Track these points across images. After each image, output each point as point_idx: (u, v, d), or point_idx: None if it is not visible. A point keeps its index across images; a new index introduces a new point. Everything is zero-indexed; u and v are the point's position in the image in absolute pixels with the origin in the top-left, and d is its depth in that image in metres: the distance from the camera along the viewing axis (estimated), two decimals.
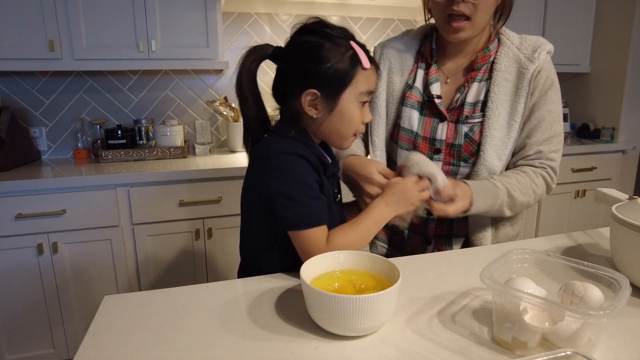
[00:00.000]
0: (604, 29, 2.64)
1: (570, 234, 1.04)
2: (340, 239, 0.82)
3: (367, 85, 0.85)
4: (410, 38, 1.12)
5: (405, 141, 1.08)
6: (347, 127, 0.87)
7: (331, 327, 0.62)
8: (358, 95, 0.84)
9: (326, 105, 0.83)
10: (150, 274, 1.85)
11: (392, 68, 1.09)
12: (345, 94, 0.83)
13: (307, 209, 0.80)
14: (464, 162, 1.03)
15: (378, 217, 0.87)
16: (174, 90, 2.33)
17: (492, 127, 1.00)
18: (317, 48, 0.82)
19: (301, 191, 0.81)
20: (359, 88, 0.84)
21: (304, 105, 0.83)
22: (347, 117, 0.85)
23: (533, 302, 0.55)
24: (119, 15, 1.88)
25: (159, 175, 1.78)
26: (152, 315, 0.69)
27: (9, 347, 1.74)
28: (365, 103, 0.87)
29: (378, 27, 2.57)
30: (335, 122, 0.85)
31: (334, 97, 0.83)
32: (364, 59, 0.83)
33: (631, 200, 0.84)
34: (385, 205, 0.87)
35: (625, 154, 2.63)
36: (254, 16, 2.35)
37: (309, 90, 0.82)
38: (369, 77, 0.85)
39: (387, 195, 0.89)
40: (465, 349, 0.58)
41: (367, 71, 0.84)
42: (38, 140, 2.19)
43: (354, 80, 0.83)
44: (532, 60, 1.01)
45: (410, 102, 1.07)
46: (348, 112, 0.85)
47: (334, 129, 0.87)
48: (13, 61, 1.82)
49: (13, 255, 1.68)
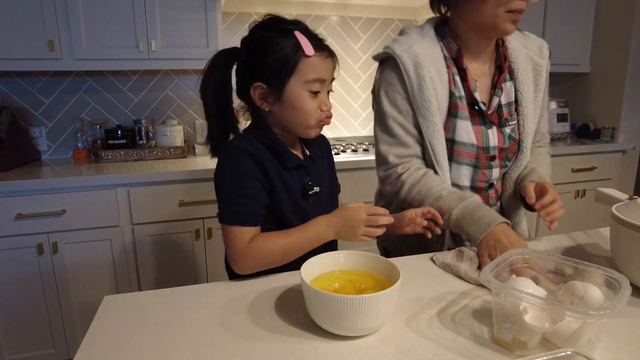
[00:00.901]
0: (604, 29, 2.64)
1: (570, 234, 1.04)
2: (265, 243, 0.81)
3: (314, 72, 0.83)
4: (431, 40, 1.01)
5: (466, 156, 1.01)
6: (303, 117, 0.85)
7: (331, 327, 0.62)
8: (305, 84, 0.83)
9: (275, 97, 0.84)
10: (150, 274, 1.85)
11: (434, 77, 0.97)
12: (290, 83, 0.83)
13: (233, 207, 0.82)
14: (509, 162, 1.06)
15: (313, 235, 0.84)
16: (174, 90, 2.33)
17: (528, 125, 1.05)
18: (261, 41, 0.84)
19: (232, 188, 0.82)
20: (305, 76, 0.83)
21: (254, 99, 0.85)
22: (299, 107, 0.85)
23: (533, 302, 0.55)
24: (119, 15, 1.88)
25: (159, 175, 1.78)
26: (152, 315, 0.69)
27: (9, 347, 1.74)
28: (318, 92, 0.85)
29: (378, 27, 2.57)
30: (288, 112, 0.86)
31: (279, 88, 0.83)
32: (306, 46, 0.81)
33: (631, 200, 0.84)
34: (326, 226, 0.84)
35: (625, 154, 2.63)
36: (254, 16, 2.35)
37: (256, 84, 0.84)
38: (315, 65, 0.83)
39: (332, 216, 0.85)
40: (465, 349, 0.58)
41: (312, 58, 0.82)
42: (38, 140, 2.19)
43: (298, 69, 0.82)
44: (542, 58, 1.06)
45: (461, 114, 0.99)
46: (298, 101, 0.84)
47: (291, 119, 0.87)
48: (13, 61, 1.82)
49: (13, 255, 1.68)
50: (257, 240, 0.81)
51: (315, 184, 0.92)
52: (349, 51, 2.55)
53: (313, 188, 0.91)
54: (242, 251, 0.80)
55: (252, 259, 0.81)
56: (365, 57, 2.59)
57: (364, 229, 0.82)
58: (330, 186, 1.01)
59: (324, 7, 2.39)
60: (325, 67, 0.85)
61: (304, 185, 0.91)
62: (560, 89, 2.98)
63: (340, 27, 2.50)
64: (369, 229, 0.83)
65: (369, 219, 0.82)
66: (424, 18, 2.52)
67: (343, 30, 2.51)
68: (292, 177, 0.89)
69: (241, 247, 0.80)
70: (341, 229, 0.84)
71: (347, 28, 2.52)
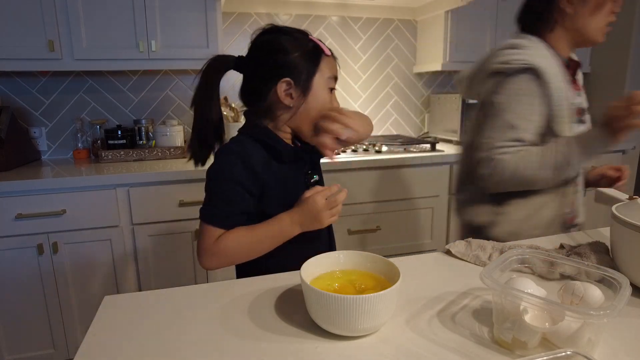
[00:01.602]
0: None
1: (570, 234, 1.04)
2: (229, 242, 0.84)
3: (330, 70, 0.90)
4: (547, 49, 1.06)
5: None
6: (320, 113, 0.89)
7: (331, 327, 0.62)
8: (326, 80, 0.90)
9: (301, 92, 0.88)
10: (150, 274, 1.85)
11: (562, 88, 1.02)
12: (316, 78, 0.88)
13: (210, 206, 0.86)
14: None
15: (277, 232, 0.86)
16: (174, 90, 2.33)
17: None
18: (280, 42, 0.87)
19: (213, 189, 0.87)
20: (326, 73, 0.90)
21: (280, 95, 0.87)
22: (321, 102, 0.90)
23: (533, 302, 0.55)
24: (119, 15, 1.88)
25: (159, 176, 1.78)
26: (152, 315, 0.69)
27: (9, 347, 1.74)
28: (332, 90, 0.92)
29: (378, 27, 2.57)
30: (310, 107, 0.89)
31: (307, 83, 0.87)
32: (324, 46, 0.90)
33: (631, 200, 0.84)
34: (290, 222, 0.86)
35: (625, 154, 2.63)
36: (254, 16, 2.36)
37: (284, 79, 0.86)
38: (331, 64, 0.91)
39: (294, 211, 0.86)
40: (465, 349, 0.58)
41: (329, 58, 0.91)
42: (38, 140, 2.19)
43: (320, 66, 0.89)
44: None
45: (579, 119, 1.10)
46: (321, 96, 0.90)
47: (309, 115, 0.89)
48: (13, 61, 1.82)
49: (13, 255, 1.68)
50: (223, 239, 0.84)
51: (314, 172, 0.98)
52: (349, 51, 2.55)
53: (313, 176, 0.97)
54: (208, 249, 0.84)
55: (216, 257, 0.85)
56: (365, 57, 2.59)
57: (327, 212, 0.85)
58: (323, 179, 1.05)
59: (324, 7, 2.39)
60: (335, 66, 0.93)
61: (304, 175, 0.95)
62: None
63: (340, 27, 2.50)
64: (332, 211, 0.86)
65: (328, 202, 0.85)
66: (424, 18, 2.53)
67: (343, 30, 2.51)
68: (291, 170, 0.92)
69: (208, 245, 0.84)
70: (306, 222, 0.86)
71: (347, 28, 2.52)
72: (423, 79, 2.75)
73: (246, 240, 0.85)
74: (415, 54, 2.68)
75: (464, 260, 0.89)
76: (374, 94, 2.66)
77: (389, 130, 2.74)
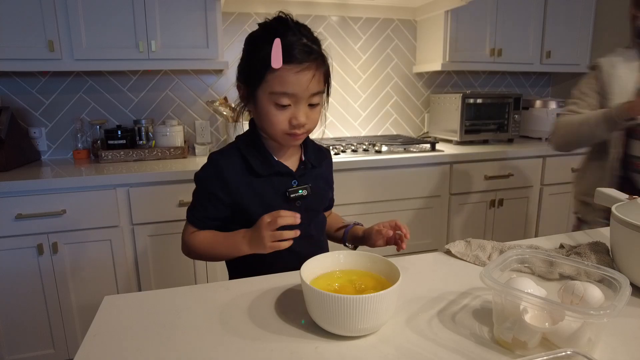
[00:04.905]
0: (604, 29, 2.64)
1: (570, 234, 1.04)
2: (196, 241, 0.91)
3: (280, 86, 0.78)
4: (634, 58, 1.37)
5: None
6: (271, 127, 0.83)
7: (331, 327, 0.62)
8: (270, 95, 0.80)
9: (251, 100, 0.85)
10: (150, 274, 1.85)
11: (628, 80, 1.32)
12: (259, 91, 0.81)
13: (191, 206, 0.94)
14: None
15: (231, 244, 0.86)
16: (174, 90, 2.33)
17: None
18: (246, 43, 0.85)
19: (194, 192, 0.94)
20: (270, 87, 0.79)
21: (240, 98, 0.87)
22: (266, 117, 0.82)
23: (533, 302, 0.55)
24: (119, 15, 1.88)
25: (159, 176, 1.78)
26: (152, 315, 0.69)
27: (9, 347, 1.74)
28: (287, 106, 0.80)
29: (378, 27, 2.57)
30: (260, 119, 0.86)
31: (252, 92, 0.83)
32: (275, 57, 0.76)
33: (631, 200, 0.84)
34: (241, 238, 0.84)
35: None
36: (254, 16, 2.35)
37: (239, 83, 0.86)
38: (283, 78, 0.78)
39: (249, 229, 0.84)
40: (465, 349, 0.58)
41: (280, 71, 0.77)
42: (38, 140, 2.19)
43: (265, 79, 0.79)
44: None
45: None
46: (264, 110, 0.82)
47: (260, 125, 0.88)
48: (13, 61, 1.82)
49: (13, 256, 1.68)
50: (193, 236, 0.92)
51: (301, 186, 0.90)
52: (349, 51, 2.55)
53: (298, 191, 0.89)
54: (184, 240, 0.94)
55: (186, 248, 0.94)
56: (365, 57, 2.59)
57: (269, 234, 0.78)
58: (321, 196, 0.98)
59: (324, 7, 2.39)
60: (296, 81, 0.78)
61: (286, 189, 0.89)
62: (560, 89, 2.98)
63: (340, 27, 2.50)
64: (275, 233, 0.78)
65: (270, 223, 0.78)
66: (423, 18, 2.53)
67: (343, 30, 2.51)
68: (270, 183, 0.89)
69: (184, 237, 0.94)
70: (252, 241, 0.82)
71: (347, 28, 2.52)
72: (423, 78, 2.75)
73: (207, 242, 0.90)
74: (415, 54, 2.68)
75: (464, 260, 0.89)
76: (373, 94, 2.66)
77: (389, 130, 2.74)
